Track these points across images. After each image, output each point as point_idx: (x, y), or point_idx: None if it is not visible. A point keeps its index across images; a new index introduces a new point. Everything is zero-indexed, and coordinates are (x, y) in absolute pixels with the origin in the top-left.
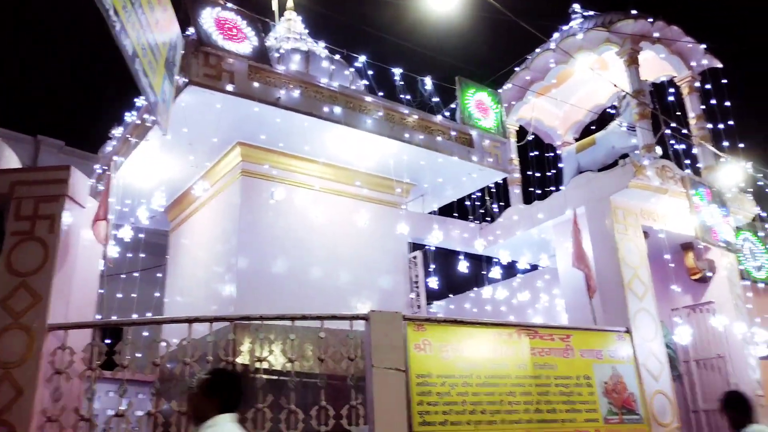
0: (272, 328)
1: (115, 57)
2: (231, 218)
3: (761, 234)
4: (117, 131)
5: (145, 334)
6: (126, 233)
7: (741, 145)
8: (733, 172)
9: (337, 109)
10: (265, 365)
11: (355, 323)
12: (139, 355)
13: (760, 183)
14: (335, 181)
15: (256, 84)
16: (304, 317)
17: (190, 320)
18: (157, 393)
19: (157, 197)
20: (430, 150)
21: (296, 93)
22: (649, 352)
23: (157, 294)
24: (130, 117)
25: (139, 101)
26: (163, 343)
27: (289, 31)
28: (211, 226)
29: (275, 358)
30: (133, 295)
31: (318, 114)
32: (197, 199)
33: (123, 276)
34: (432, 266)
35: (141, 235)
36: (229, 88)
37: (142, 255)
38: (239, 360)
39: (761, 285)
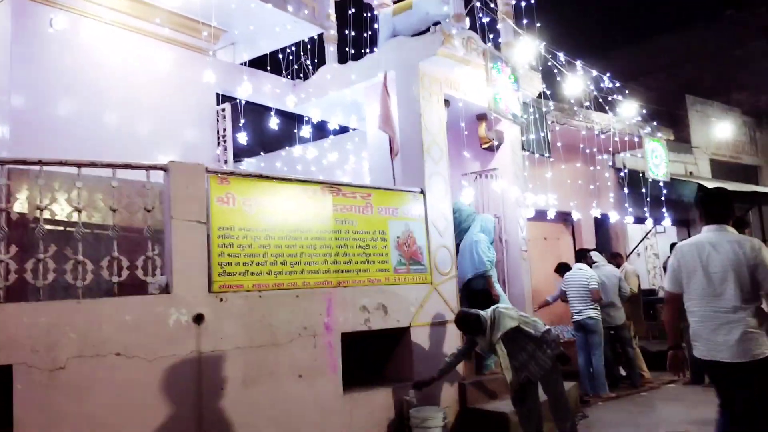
0: (56, 175)
1: None
2: (0, 47)
3: (544, 110)
4: None
5: None
6: None
7: (538, 25)
8: (527, 49)
9: None
10: (47, 215)
11: (153, 174)
12: None
13: (549, 63)
14: (131, 15)
15: None
16: (93, 164)
17: None
18: None
19: None
20: None
21: None
22: (439, 212)
23: None
24: None
25: None
26: None
27: None
28: None
29: (60, 207)
30: None
31: None
32: None
33: None
34: (242, 121)
35: None
36: None
37: None
38: (16, 208)
39: (537, 155)
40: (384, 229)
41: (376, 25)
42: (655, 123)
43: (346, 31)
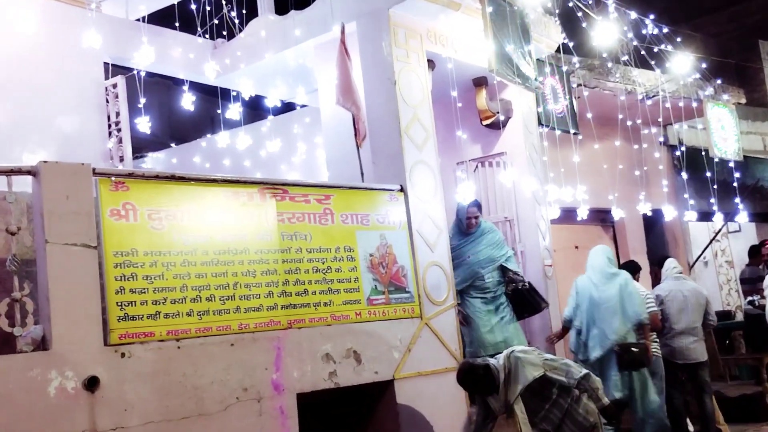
0: None
1: None
2: None
3: (565, 69)
4: None
5: None
6: None
7: None
8: None
9: None
10: None
11: (18, 181)
12: None
13: (570, 5)
14: None
15: None
16: None
17: None
18: None
19: None
20: None
21: None
22: (426, 215)
23: None
24: None
25: None
26: None
27: None
28: None
29: None
30: None
31: None
32: None
33: None
34: (142, 101)
35: None
36: None
37: None
38: None
39: (559, 132)
40: (351, 243)
41: None
42: (719, 81)
43: None
